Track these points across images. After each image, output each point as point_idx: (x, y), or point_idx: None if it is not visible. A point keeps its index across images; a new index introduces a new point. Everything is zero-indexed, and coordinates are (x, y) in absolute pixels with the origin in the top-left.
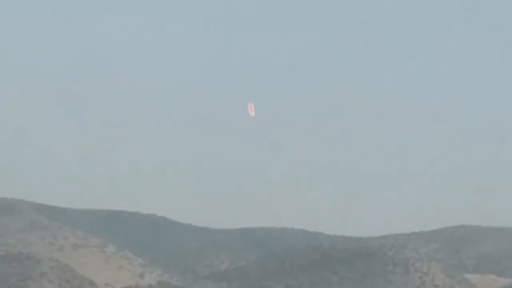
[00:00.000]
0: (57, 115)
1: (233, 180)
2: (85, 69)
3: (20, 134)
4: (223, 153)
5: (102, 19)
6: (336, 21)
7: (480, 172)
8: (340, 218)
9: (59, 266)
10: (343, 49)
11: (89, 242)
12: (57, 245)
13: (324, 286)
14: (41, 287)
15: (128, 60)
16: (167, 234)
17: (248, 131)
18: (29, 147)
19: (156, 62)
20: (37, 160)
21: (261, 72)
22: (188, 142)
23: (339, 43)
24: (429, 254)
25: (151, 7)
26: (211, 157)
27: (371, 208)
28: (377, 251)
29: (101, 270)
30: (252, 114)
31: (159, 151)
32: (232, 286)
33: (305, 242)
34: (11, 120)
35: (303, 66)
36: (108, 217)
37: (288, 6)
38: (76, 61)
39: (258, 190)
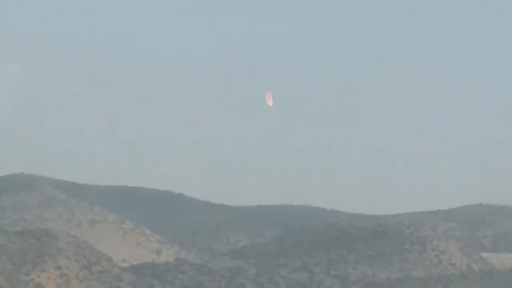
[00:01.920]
0: (78, 91)
1: (251, 157)
2: (110, 45)
3: (40, 109)
4: (241, 130)
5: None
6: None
7: (498, 150)
8: (358, 196)
9: (77, 242)
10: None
11: (107, 219)
12: (74, 221)
13: (341, 264)
14: (58, 263)
15: (152, 39)
16: (184, 211)
17: (267, 110)
18: (48, 122)
19: (180, 43)
20: (56, 136)
21: (278, 50)
22: (206, 120)
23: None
24: (446, 232)
25: None
26: (229, 134)
27: (388, 186)
28: (395, 229)
29: (118, 247)
30: (270, 103)
31: (178, 129)
32: (249, 263)
33: (323, 220)
34: (31, 96)
35: (320, 46)
36: (126, 194)
37: None
38: (103, 36)
39: (276, 168)
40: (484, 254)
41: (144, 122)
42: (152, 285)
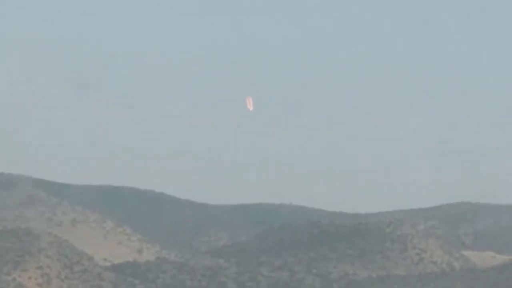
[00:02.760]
0: (58, 90)
1: (232, 156)
2: (91, 44)
3: (21, 108)
4: (222, 129)
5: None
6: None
7: (479, 149)
8: (338, 194)
9: (58, 242)
10: (346, 32)
11: (88, 218)
12: (56, 220)
13: (322, 262)
14: (39, 262)
15: (137, 42)
16: (165, 210)
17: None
18: (29, 121)
19: (165, 46)
20: (36, 135)
21: (264, 52)
22: (187, 119)
23: (343, 26)
24: (427, 231)
25: None
26: (210, 133)
27: (369, 185)
28: (375, 227)
29: (99, 246)
30: (251, 108)
31: (158, 128)
32: (230, 262)
33: (304, 219)
34: (12, 94)
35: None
36: (107, 193)
37: None
38: (84, 36)
39: (257, 166)
40: (465, 252)
41: (125, 122)
42: (134, 284)
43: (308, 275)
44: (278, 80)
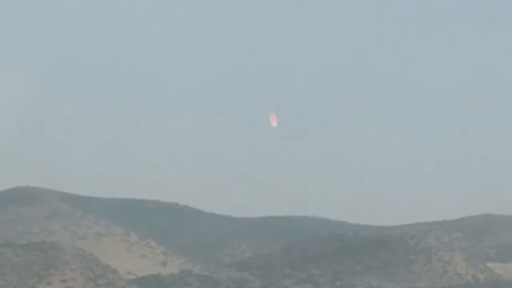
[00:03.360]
0: (83, 103)
1: (256, 168)
2: (112, 59)
3: (45, 121)
4: (246, 141)
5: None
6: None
7: (503, 160)
8: (362, 207)
9: (82, 255)
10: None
11: (112, 231)
12: (80, 233)
13: (346, 274)
14: (63, 275)
15: (155, 54)
16: (189, 222)
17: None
18: (54, 135)
19: (184, 58)
20: (61, 149)
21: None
22: (211, 132)
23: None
24: (451, 243)
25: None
26: (234, 145)
27: (393, 197)
28: (399, 240)
29: (123, 259)
30: (274, 124)
31: (183, 140)
32: (254, 275)
33: (328, 231)
34: (37, 108)
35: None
36: (131, 206)
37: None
38: (101, 51)
39: (281, 179)
40: (490, 264)
41: (150, 134)
42: None
43: None
44: (300, 91)
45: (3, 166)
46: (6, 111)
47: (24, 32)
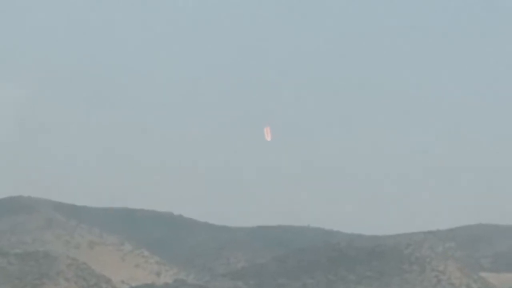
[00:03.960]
0: (74, 114)
1: (250, 178)
2: (104, 67)
3: (38, 132)
4: (240, 152)
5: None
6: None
7: (496, 170)
8: (356, 216)
9: (76, 264)
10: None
11: (106, 240)
12: (74, 243)
13: (340, 284)
14: (57, 285)
15: (151, 63)
16: (183, 232)
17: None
18: (47, 145)
19: (181, 67)
20: (54, 159)
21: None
22: (205, 142)
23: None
24: (445, 252)
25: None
26: (228, 156)
27: (387, 207)
28: (394, 249)
29: (117, 268)
30: (269, 138)
31: (177, 151)
32: (249, 284)
33: (322, 241)
34: (30, 117)
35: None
36: (125, 216)
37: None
38: (96, 59)
39: (275, 189)
40: (484, 274)
41: (143, 144)
42: None
43: None
44: (293, 101)
45: None
46: (1, 121)
47: (22, 40)
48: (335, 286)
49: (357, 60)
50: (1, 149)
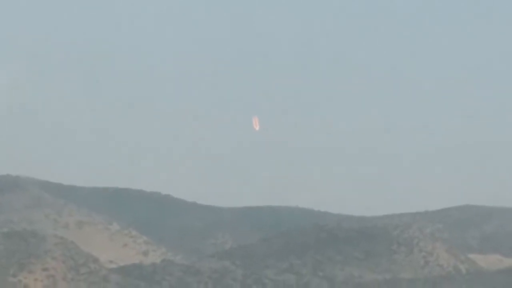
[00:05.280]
0: (64, 93)
1: (238, 158)
2: (100, 46)
3: (26, 111)
4: (229, 132)
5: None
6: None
7: (486, 152)
8: (345, 197)
9: (64, 243)
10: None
11: (94, 220)
12: (62, 222)
13: (328, 265)
14: (45, 264)
15: (144, 43)
16: (172, 212)
17: (254, 112)
18: (35, 124)
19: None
20: (43, 138)
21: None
22: (194, 121)
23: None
24: (433, 234)
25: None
26: (216, 136)
27: (376, 188)
28: (382, 230)
29: (105, 248)
30: (257, 128)
31: (165, 130)
32: (236, 265)
33: (310, 222)
34: (18, 97)
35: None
36: (113, 195)
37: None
38: (93, 38)
39: (264, 169)
40: (472, 256)
41: (131, 124)
42: (139, 286)
43: (314, 278)
44: (283, 82)
45: None
46: None
47: (14, 22)
48: (323, 267)
49: (352, 42)
50: None
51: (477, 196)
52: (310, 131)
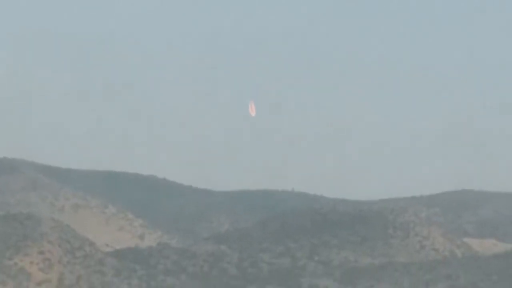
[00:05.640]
0: (61, 75)
1: (234, 142)
2: (97, 32)
3: (23, 93)
4: (224, 115)
5: None
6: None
7: (481, 136)
8: (341, 181)
9: (60, 227)
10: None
11: (90, 203)
12: (58, 205)
13: (324, 248)
14: (41, 247)
15: (139, 31)
16: (167, 195)
17: (250, 97)
18: (31, 106)
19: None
20: (39, 120)
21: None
22: (189, 105)
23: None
24: (429, 218)
25: None
26: (211, 119)
27: (372, 172)
28: (378, 214)
29: (101, 231)
30: (253, 113)
31: (160, 114)
32: (232, 248)
33: (306, 205)
34: (14, 80)
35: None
36: (109, 178)
37: None
38: (90, 24)
39: (259, 153)
40: (467, 240)
41: (127, 108)
42: (135, 269)
43: (310, 262)
44: (280, 67)
45: None
46: None
47: (9, 8)
48: (319, 250)
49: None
50: None
51: (473, 180)
52: (306, 115)
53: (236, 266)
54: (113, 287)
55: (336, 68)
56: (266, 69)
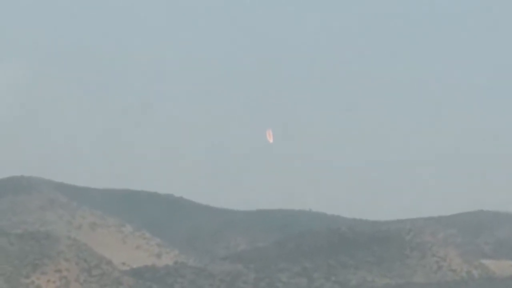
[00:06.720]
0: (78, 94)
1: (251, 161)
2: (111, 46)
3: (41, 112)
4: (241, 134)
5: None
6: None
7: (499, 157)
8: (358, 201)
9: (77, 245)
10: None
11: (107, 222)
12: (75, 224)
13: (341, 269)
14: (58, 265)
15: (152, 46)
16: (184, 214)
17: (267, 114)
18: (49, 125)
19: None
20: (57, 139)
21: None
22: (206, 124)
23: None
24: (446, 239)
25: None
26: (229, 138)
27: (389, 192)
28: (395, 235)
29: (118, 250)
30: (271, 140)
31: (178, 132)
32: (249, 268)
33: (323, 225)
34: (32, 97)
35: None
36: (126, 197)
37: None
38: (104, 37)
39: (277, 172)
40: (484, 261)
41: (144, 125)
42: None
43: (326, 282)
44: (293, 86)
45: None
46: (1, 100)
47: (24, 21)
48: (335, 271)
49: (362, 49)
50: (2, 129)
51: (491, 201)
52: (323, 136)
53: (253, 285)
54: None
55: (352, 87)
56: (282, 89)
